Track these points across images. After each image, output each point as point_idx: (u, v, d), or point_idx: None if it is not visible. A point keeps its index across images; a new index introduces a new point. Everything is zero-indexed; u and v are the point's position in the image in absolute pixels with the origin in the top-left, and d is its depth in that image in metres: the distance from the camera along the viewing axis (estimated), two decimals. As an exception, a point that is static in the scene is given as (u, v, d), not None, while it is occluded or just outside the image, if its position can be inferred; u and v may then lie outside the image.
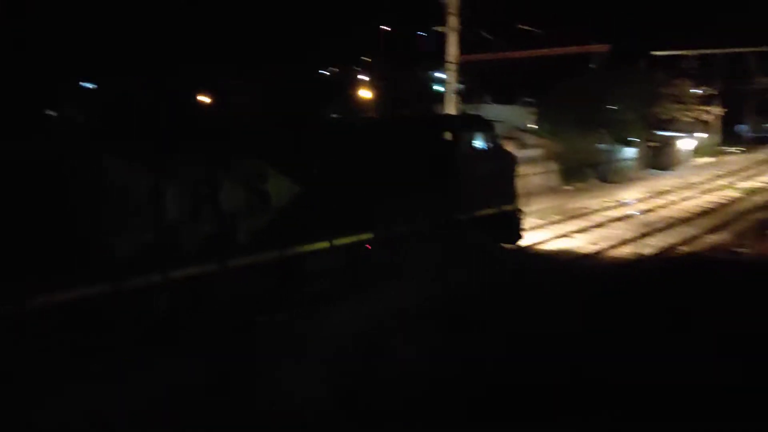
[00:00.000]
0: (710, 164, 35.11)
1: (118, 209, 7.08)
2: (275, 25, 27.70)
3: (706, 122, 41.32)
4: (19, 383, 6.01)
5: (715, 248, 14.07)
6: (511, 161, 12.96)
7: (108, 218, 7.01)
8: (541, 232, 15.20)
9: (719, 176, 28.34)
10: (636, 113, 29.80)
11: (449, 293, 9.70)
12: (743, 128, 50.67)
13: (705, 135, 41.07)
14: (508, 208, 12.42)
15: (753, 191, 23.27)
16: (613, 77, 29.14)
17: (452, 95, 20.69)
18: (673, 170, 31.12)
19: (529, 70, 28.84)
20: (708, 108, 41.29)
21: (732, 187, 24.55)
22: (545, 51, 25.22)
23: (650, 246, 14.13)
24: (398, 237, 10.27)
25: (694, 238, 15.02)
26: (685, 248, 14.07)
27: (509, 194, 12.56)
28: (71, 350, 6.62)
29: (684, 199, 21.33)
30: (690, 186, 24.78)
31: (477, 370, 6.99)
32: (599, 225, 16.46)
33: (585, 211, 18.59)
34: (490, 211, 11.85)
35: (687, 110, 36.90)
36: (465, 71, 21.85)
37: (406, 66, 28.18)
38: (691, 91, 38.23)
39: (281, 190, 8.61)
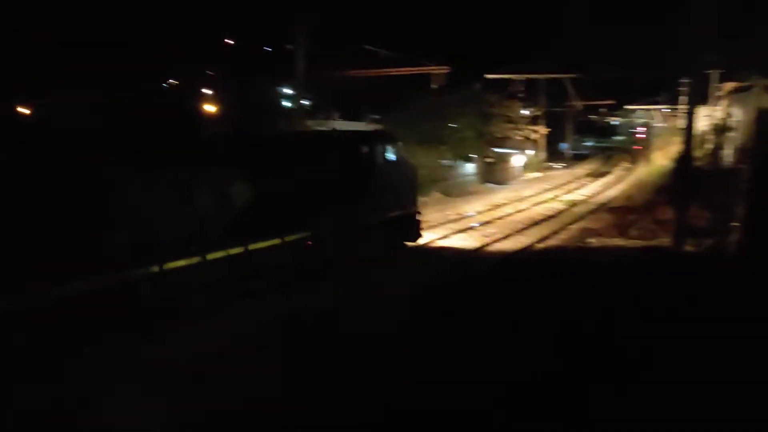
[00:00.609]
0: (539, 179, 38.38)
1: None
2: (108, 33, 25.89)
3: (534, 140, 45.23)
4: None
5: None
6: (412, 170, 14.74)
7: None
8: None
9: (546, 190, 31.08)
10: (474, 131, 31.78)
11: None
12: (564, 146, 56.09)
13: (533, 152, 44.91)
14: (411, 210, 14.52)
15: (575, 203, 25.80)
16: (452, 97, 30.85)
17: (300, 111, 20.75)
18: (507, 184, 33.61)
19: (377, 88, 29.69)
20: (535, 127, 45.25)
21: (557, 200, 27.04)
22: (390, 71, 26.16)
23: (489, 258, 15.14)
24: (330, 236, 11.78)
25: (528, 246, 16.31)
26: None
27: (412, 198, 14.66)
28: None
29: (518, 211, 23.11)
30: (522, 199, 26.89)
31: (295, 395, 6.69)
32: (443, 237, 17.28)
33: (430, 224, 19.40)
34: (398, 213, 13.89)
35: (517, 129, 40.11)
36: (314, 88, 22.08)
37: (254, 81, 27.76)
38: (520, 112, 41.70)
39: (242, 194, 9.73)
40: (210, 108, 26.17)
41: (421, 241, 15.89)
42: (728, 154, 25.04)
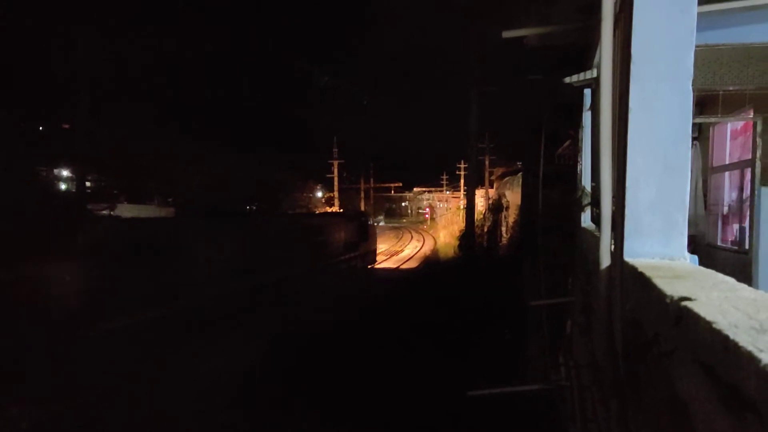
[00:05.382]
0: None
1: None
2: None
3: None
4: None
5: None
6: (375, 228, 30.75)
7: None
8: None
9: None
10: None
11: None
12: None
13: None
14: (374, 248, 29.95)
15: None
16: (251, 181, 30.54)
17: (80, 194, 18.98)
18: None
19: (172, 170, 28.24)
20: (331, 209, 46.56)
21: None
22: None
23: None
24: (359, 256, 25.56)
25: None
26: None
27: (375, 242, 30.20)
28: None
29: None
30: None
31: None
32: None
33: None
34: (372, 248, 29.10)
35: (314, 209, 40.82)
36: (98, 169, 20.32)
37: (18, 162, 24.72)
38: (317, 194, 42.72)
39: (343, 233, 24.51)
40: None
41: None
42: (504, 230, 27.83)
